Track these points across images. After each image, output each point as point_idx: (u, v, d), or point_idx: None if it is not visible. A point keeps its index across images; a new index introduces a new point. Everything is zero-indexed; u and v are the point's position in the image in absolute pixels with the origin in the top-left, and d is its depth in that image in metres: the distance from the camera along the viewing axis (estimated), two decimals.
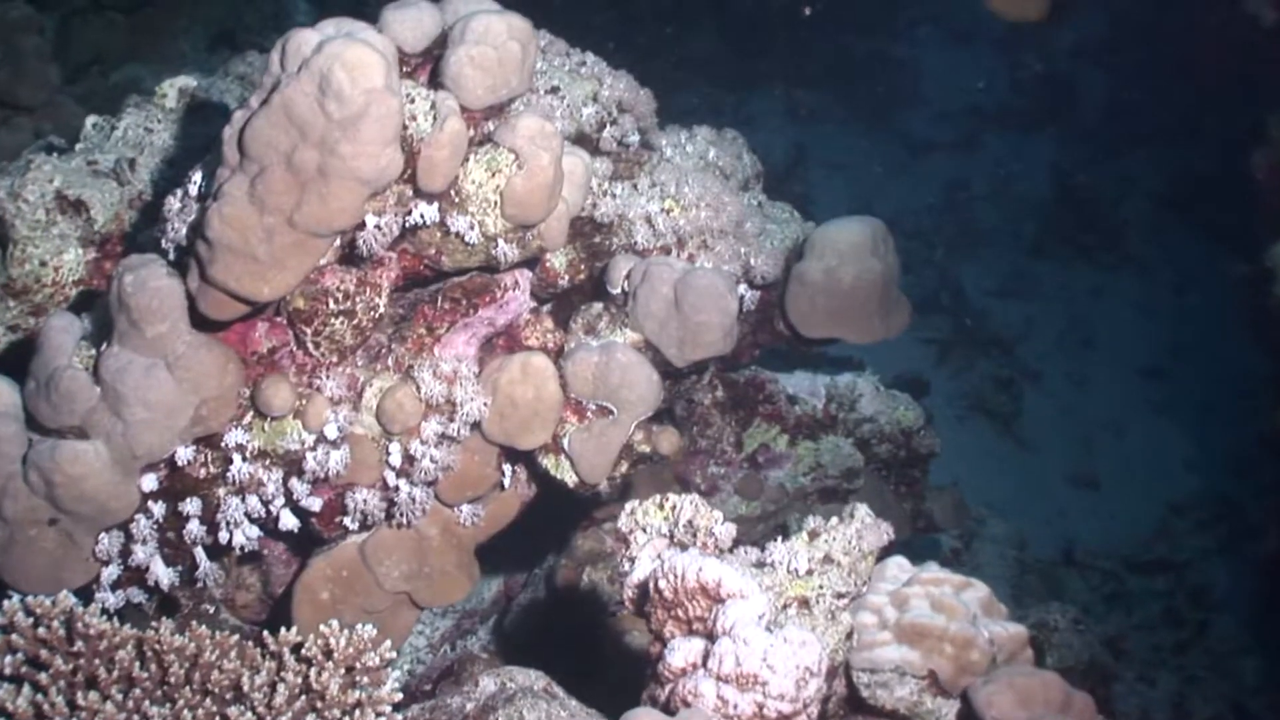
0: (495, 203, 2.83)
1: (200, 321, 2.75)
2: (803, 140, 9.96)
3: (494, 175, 2.82)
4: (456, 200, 2.83)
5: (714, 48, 10.34)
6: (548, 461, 3.17)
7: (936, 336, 8.29)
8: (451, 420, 3.00)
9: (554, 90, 3.28)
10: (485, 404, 3.02)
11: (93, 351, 2.80)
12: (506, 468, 3.22)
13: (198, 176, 2.85)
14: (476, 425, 3.05)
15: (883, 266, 3.59)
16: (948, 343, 8.31)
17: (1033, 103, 11.01)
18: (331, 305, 2.86)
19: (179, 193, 2.85)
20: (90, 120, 3.44)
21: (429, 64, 2.88)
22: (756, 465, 4.04)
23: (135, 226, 3.24)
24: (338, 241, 2.77)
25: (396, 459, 3.01)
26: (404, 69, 2.84)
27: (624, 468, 3.19)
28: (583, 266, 3.30)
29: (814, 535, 2.58)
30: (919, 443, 4.27)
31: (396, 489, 3.05)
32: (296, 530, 3.00)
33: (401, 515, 3.08)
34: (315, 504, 3.00)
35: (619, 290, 3.20)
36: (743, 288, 3.45)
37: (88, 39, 6.43)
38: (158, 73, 6.46)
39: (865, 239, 3.57)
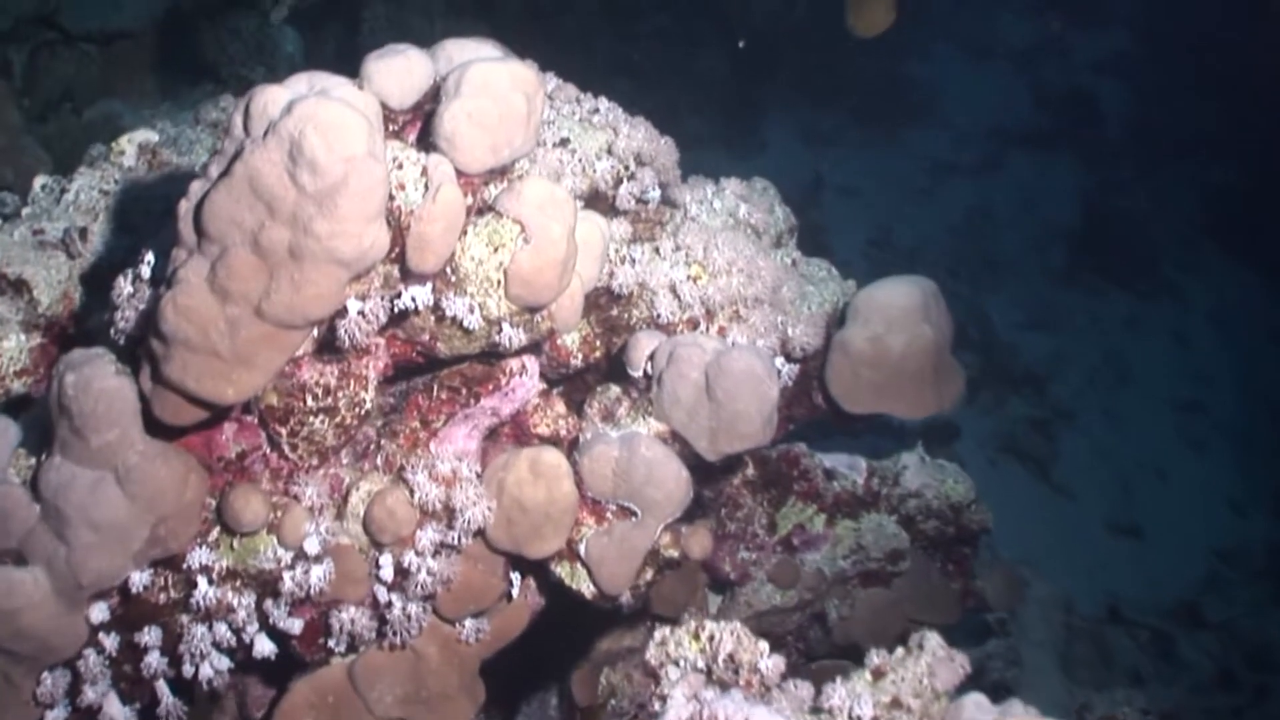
0: (498, 282, 2.43)
1: (156, 426, 2.35)
2: (818, 165, 9.56)
3: (496, 251, 2.42)
4: (453, 280, 2.43)
5: (723, 70, 9.94)
6: (562, 570, 2.78)
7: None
8: (451, 528, 2.60)
9: (564, 143, 2.88)
10: (490, 508, 2.61)
11: (31, 461, 2.42)
12: (514, 574, 2.81)
13: (151, 256, 2.45)
14: (480, 532, 2.65)
15: (935, 333, 3.19)
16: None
17: (1056, 121, 10.60)
18: (310, 402, 2.46)
19: (129, 274, 2.45)
20: (38, 181, 3.04)
21: (419, 120, 2.48)
22: (791, 548, 3.64)
23: (86, 307, 2.84)
24: (315, 331, 2.37)
25: (388, 572, 2.61)
26: (390, 127, 2.45)
27: (649, 575, 2.80)
28: (598, 343, 2.90)
29: (878, 675, 2.19)
30: (969, 518, 3.86)
31: (388, 605, 2.64)
32: (274, 657, 2.60)
33: (395, 634, 2.68)
34: (295, 626, 2.60)
35: (640, 373, 2.80)
36: (779, 361, 3.05)
37: (58, 74, 6.01)
38: (135, 108, 6.09)
39: (915, 303, 3.17)
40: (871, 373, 3.16)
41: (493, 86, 2.40)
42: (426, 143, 2.43)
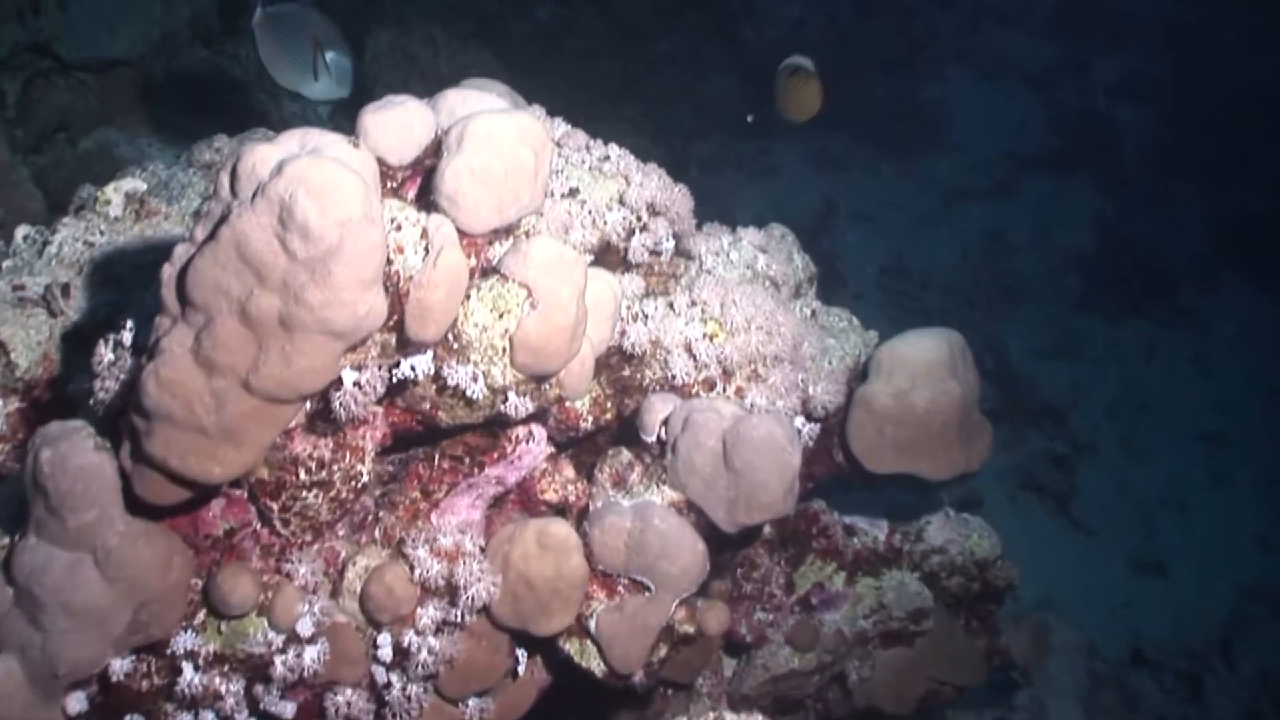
0: (503, 350, 2.28)
1: (138, 504, 2.20)
2: (829, 190, 9.38)
3: (501, 317, 2.26)
4: (455, 347, 2.28)
5: (732, 93, 9.78)
6: (571, 647, 2.62)
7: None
8: (453, 605, 2.45)
9: (573, 193, 2.73)
10: (494, 584, 2.46)
11: (5, 541, 2.27)
12: (520, 650, 2.65)
13: (132, 321, 2.30)
14: (484, 609, 2.49)
15: (962, 388, 3.04)
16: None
17: (1071, 144, 10.42)
18: (303, 476, 2.31)
19: (110, 340, 2.30)
20: (20, 231, 2.88)
21: (419, 176, 2.33)
22: (810, 608, 3.48)
23: (68, 369, 2.69)
24: (308, 402, 2.22)
25: (387, 652, 2.46)
26: (388, 185, 2.30)
27: (662, 652, 2.64)
28: (609, 404, 2.75)
29: None
30: (995, 575, 3.71)
31: (388, 686, 2.49)
32: None
33: (394, 716, 2.52)
34: (288, 709, 2.44)
35: (654, 438, 2.65)
36: (799, 421, 2.90)
37: (53, 103, 5.85)
38: (132, 138, 5.95)
39: (941, 357, 3.01)
40: (895, 430, 3.01)
41: (498, 141, 2.25)
42: (427, 201, 2.28)
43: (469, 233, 2.28)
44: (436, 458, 2.52)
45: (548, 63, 8.69)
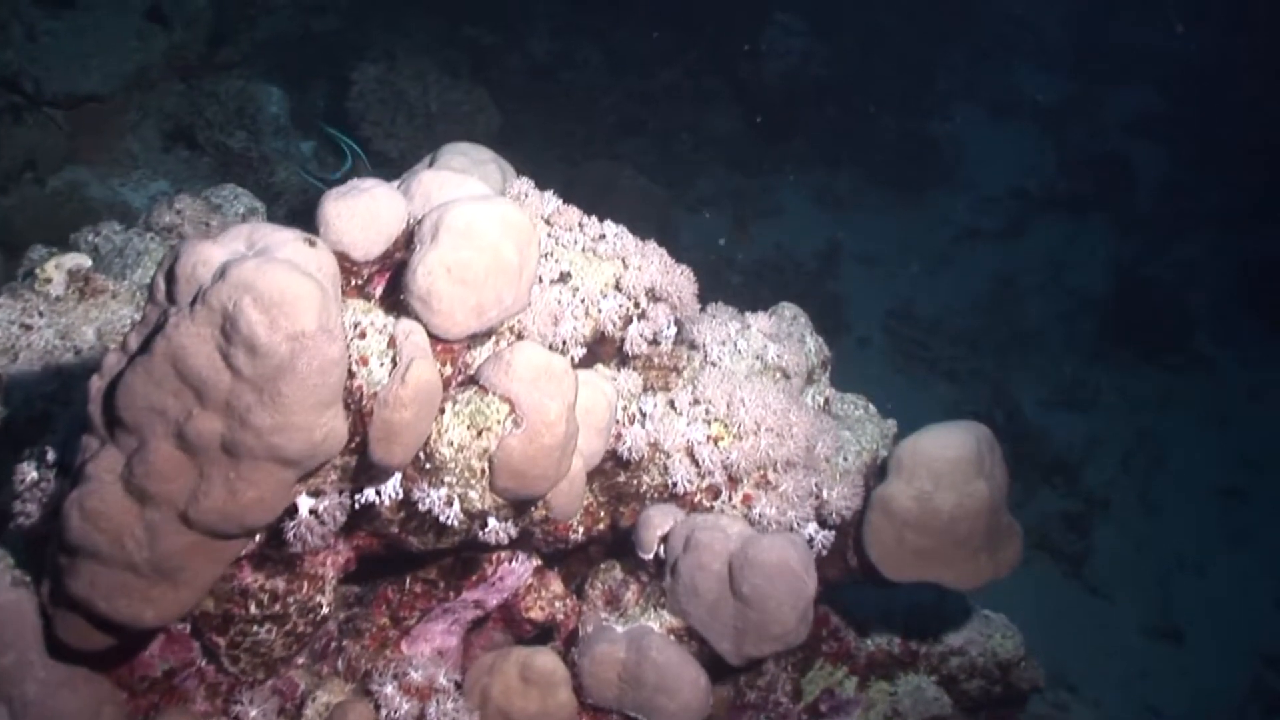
0: (482, 471, 2.01)
1: (61, 647, 1.93)
2: (834, 231, 9.08)
3: (480, 434, 1.99)
4: (427, 468, 2.01)
5: (735, 127, 9.51)
6: None
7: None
8: None
9: (564, 278, 2.45)
10: None
11: None
12: None
13: (61, 433, 2.03)
14: None
15: (990, 489, 2.75)
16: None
17: (1084, 184, 10.13)
18: (253, 609, 2.04)
19: (34, 457, 2.03)
20: None
21: (389, 270, 2.06)
22: (819, 715, 3.19)
23: None
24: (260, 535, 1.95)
25: None
26: (353, 281, 2.03)
27: None
28: (603, 513, 2.48)
29: None
30: (1018, 677, 3.42)
31: None
32: None
33: None
34: None
35: (652, 556, 2.37)
36: (812, 527, 2.62)
37: (20, 141, 5.58)
38: (103, 177, 5.69)
39: (968, 454, 2.73)
40: (917, 537, 2.73)
41: (478, 234, 1.99)
42: (396, 300, 2.02)
43: (444, 338, 2.01)
44: (408, 581, 2.25)
45: (542, 98, 8.44)
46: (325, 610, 2.10)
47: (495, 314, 2.03)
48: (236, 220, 3.37)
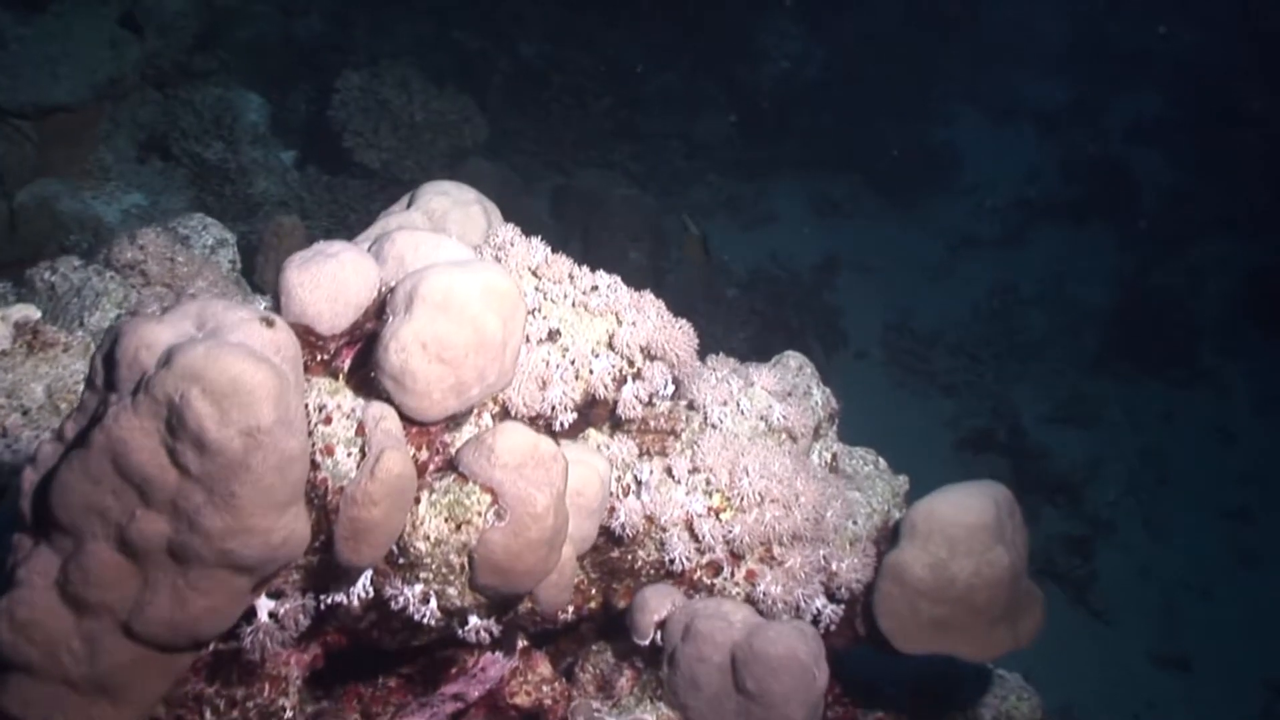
0: (461, 567, 1.81)
1: None
2: (830, 240, 8.87)
3: (460, 528, 1.80)
4: (401, 563, 1.82)
5: (728, 133, 9.30)
6: None
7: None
8: None
9: (552, 336, 2.26)
10: None
11: None
12: None
13: None
14: None
15: (1011, 556, 2.57)
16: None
17: (1086, 190, 9.93)
18: (209, 717, 1.84)
19: None
20: None
21: (358, 342, 1.86)
22: None
23: None
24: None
25: None
26: (318, 357, 1.84)
27: None
28: (594, 591, 2.29)
29: None
30: None
31: None
32: None
33: None
34: None
35: (648, 642, 2.18)
36: (820, 602, 2.43)
37: None
38: (75, 189, 5.47)
39: (986, 520, 2.55)
40: (932, 606, 2.54)
41: (457, 306, 1.79)
42: (366, 376, 1.82)
43: (419, 420, 1.82)
44: (380, 679, 2.06)
45: (531, 103, 8.23)
46: (289, 715, 1.91)
47: (477, 392, 1.84)
48: (204, 254, 3.17)
